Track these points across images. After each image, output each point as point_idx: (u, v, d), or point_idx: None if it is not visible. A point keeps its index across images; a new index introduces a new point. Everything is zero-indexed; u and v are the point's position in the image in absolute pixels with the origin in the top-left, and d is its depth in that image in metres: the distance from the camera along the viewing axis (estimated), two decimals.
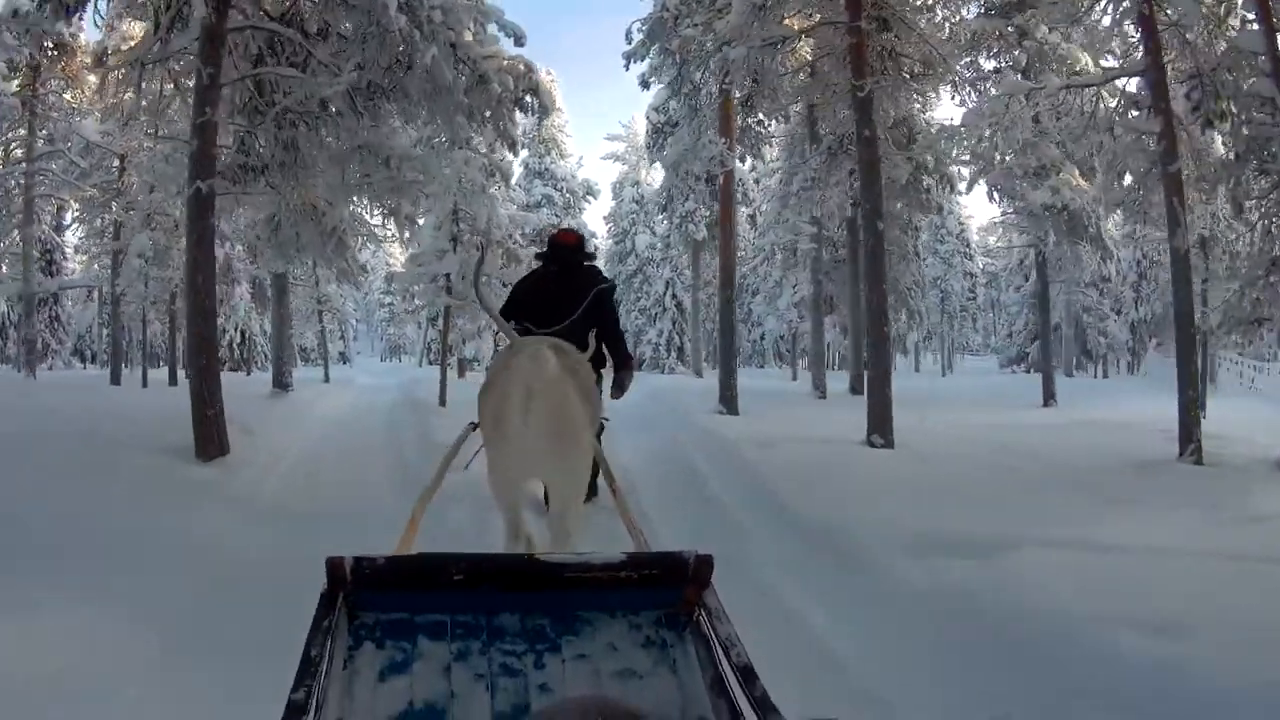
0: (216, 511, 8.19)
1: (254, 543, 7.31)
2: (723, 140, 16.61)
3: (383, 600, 2.58)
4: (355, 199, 13.03)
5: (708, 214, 36.51)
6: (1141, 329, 43.84)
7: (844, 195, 22.42)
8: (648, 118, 35.39)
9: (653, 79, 35.53)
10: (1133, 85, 13.55)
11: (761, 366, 51.82)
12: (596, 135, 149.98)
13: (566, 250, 7.77)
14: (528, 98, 12.19)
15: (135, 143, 22.83)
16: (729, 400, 16.63)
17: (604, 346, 7.55)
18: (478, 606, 2.63)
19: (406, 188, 11.78)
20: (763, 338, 49.41)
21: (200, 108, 10.56)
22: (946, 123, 23.31)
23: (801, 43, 17.97)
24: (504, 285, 18.57)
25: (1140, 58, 12.67)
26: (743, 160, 20.05)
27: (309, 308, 33.81)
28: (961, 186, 24.68)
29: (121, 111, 15.86)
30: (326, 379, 30.74)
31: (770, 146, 25.84)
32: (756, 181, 40.64)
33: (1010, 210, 25.84)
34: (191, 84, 11.09)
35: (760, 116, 20.60)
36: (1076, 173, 22.61)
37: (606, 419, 7.14)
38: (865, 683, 4.78)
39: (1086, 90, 14.52)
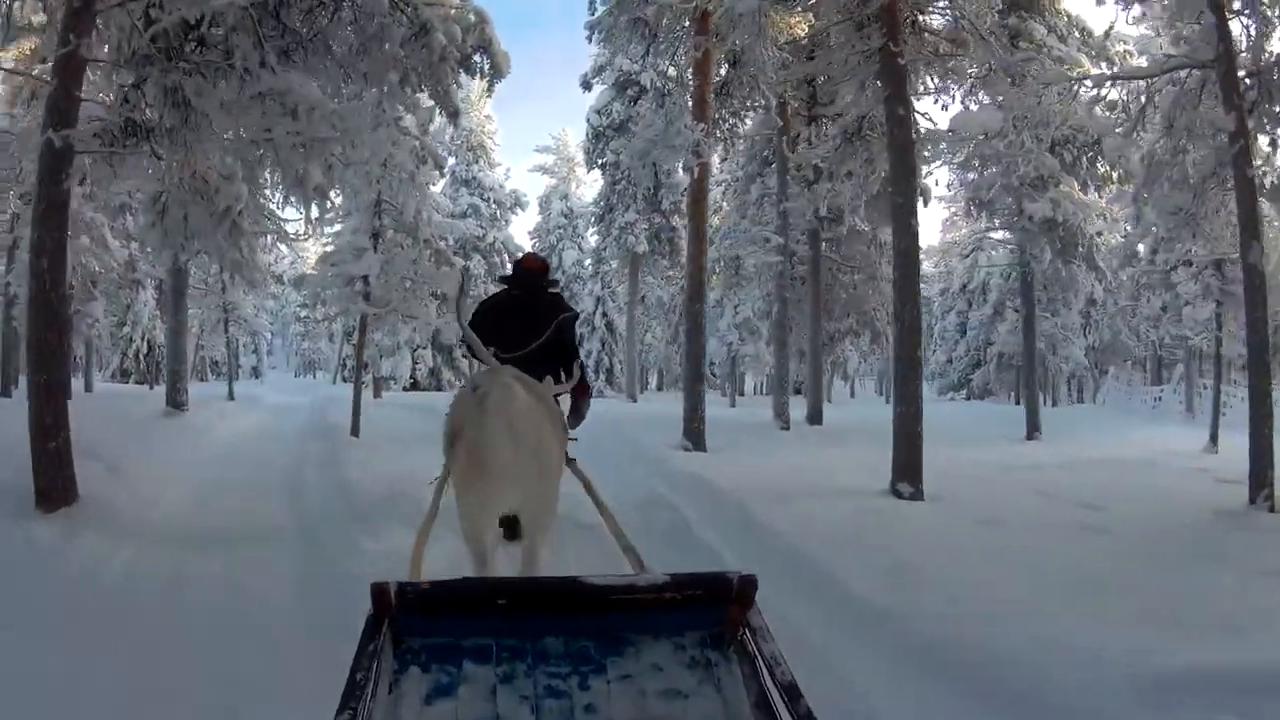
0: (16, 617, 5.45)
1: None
2: (699, 125, 14.05)
3: (427, 625, 2.64)
4: (255, 173, 10.32)
5: (647, 226, 34.25)
6: (1091, 356, 41.75)
7: (808, 203, 20.19)
8: (588, 120, 33.65)
9: (596, 80, 33.60)
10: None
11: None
12: (524, 150, 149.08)
13: (531, 276, 7.72)
14: (476, 56, 9.98)
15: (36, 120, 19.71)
16: (695, 434, 14.18)
17: (561, 374, 7.03)
18: (523, 630, 2.68)
19: (317, 148, 8.99)
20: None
21: (65, 35, 8.17)
22: (930, 125, 21.31)
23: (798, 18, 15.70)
24: (433, 295, 16.25)
25: (1205, 48, 10.77)
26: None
27: (215, 316, 30.84)
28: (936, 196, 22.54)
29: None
30: (231, 396, 28.00)
31: (725, 153, 23.14)
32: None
33: (994, 225, 23.81)
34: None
35: (735, 106, 18.02)
36: (1076, 185, 20.58)
37: (574, 437, 6.77)
38: None
39: (1132, 84, 12.88)
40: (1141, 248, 31.44)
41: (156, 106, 9.02)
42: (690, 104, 14.71)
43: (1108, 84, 12.67)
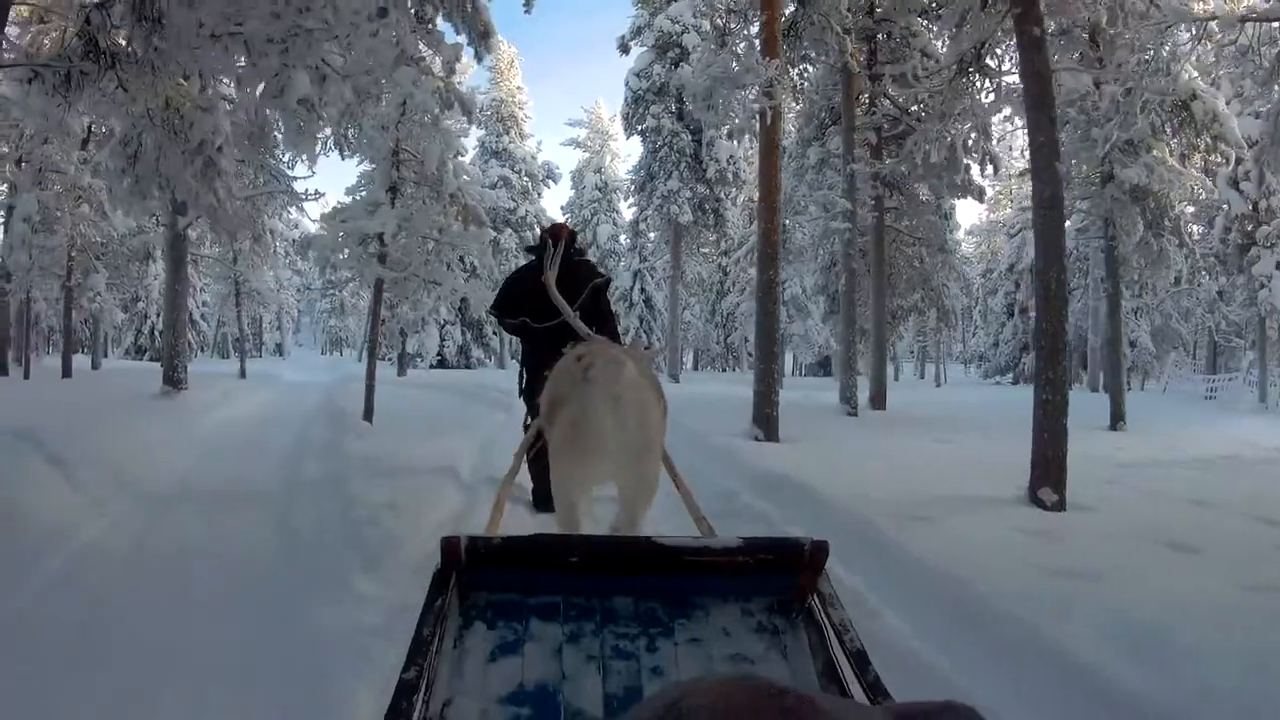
0: None
1: None
2: (772, 61, 11.90)
3: (494, 580, 2.65)
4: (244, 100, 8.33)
5: (690, 195, 32.08)
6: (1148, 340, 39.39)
7: (872, 168, 18.39)
8: (627, 84, 31.90)
9: (634, 41, 31.59)
10: None
11: (722, 370, 47.59)
12: (556, 129, 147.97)
13: (559, 243, 7.33)
14: None
15: None
16: (767, 422, 12.10)
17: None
18: (592, 589, 2.68)
19: (299, 45, 6.90)
20: (740, 340, 44.70)
21: None
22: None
23: None
24: (461, 260, 14.27)
25: None
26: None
27: (226, 289, 28.87)
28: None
29: None
30: (243, 374, 26.18)
31: (796, 101, 21.13)
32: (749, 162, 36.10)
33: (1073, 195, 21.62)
34: None
35: (804, 49, 15.82)
36: (1169, 152, 18.44)
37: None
38: None
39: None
40: (1218, 222, 29.44)
41: (126, 22, 7.12)
42: (760, 38, 12.58)
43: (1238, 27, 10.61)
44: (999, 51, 12.88)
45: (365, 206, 12.31)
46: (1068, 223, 35.76)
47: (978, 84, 12.79)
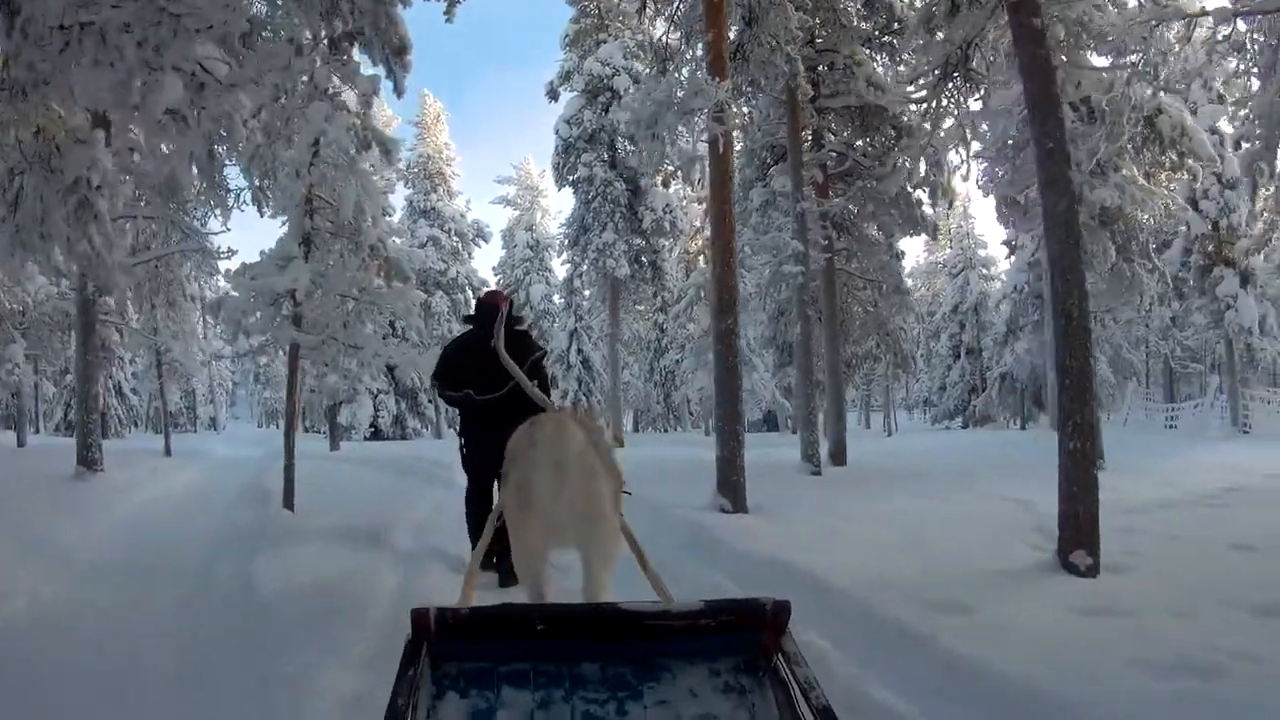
0: None
1: None
2: (720, 82, 10.66)
3: (466, 650, 2.68)
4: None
5: (626, 248, 30.87)
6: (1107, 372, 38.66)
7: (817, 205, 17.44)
8: (556, 132, 30.76)
9: (564, 87, 30.54)
10: None
11: (664, 431, 46.27)
12: (484, 190, 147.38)
13: (494, 313, 7.38)
14: None
15: None
16: (733, 489, 10.75)
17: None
18: (560, 655, 2.70)
19: (168, 35, 5.53)
20: (682, 400, 43.44)
21: None
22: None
23: None
24: (393, 327, 12.96)
25: None
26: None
27: (148, 360, 27.15)
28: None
29: None
30: (168, 451, 24.37)
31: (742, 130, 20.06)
32: (685, 211, 34.96)
33: (1029, 227, 20.66)
34: None
35: (751, 73, 14.60)
36: (1136, 170, 17.56)
37: (629, 491, 5.49)
38: None
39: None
40: (1176, 244, 28.74)
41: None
42: (706, 59, 11.39)
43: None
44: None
45: (276, 261, 10.83)
46: (1014, 259, 35.26)
47: (957, 96, 11.70)
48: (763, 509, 10.75)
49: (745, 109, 18.66)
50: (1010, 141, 17.74)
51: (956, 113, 14.07)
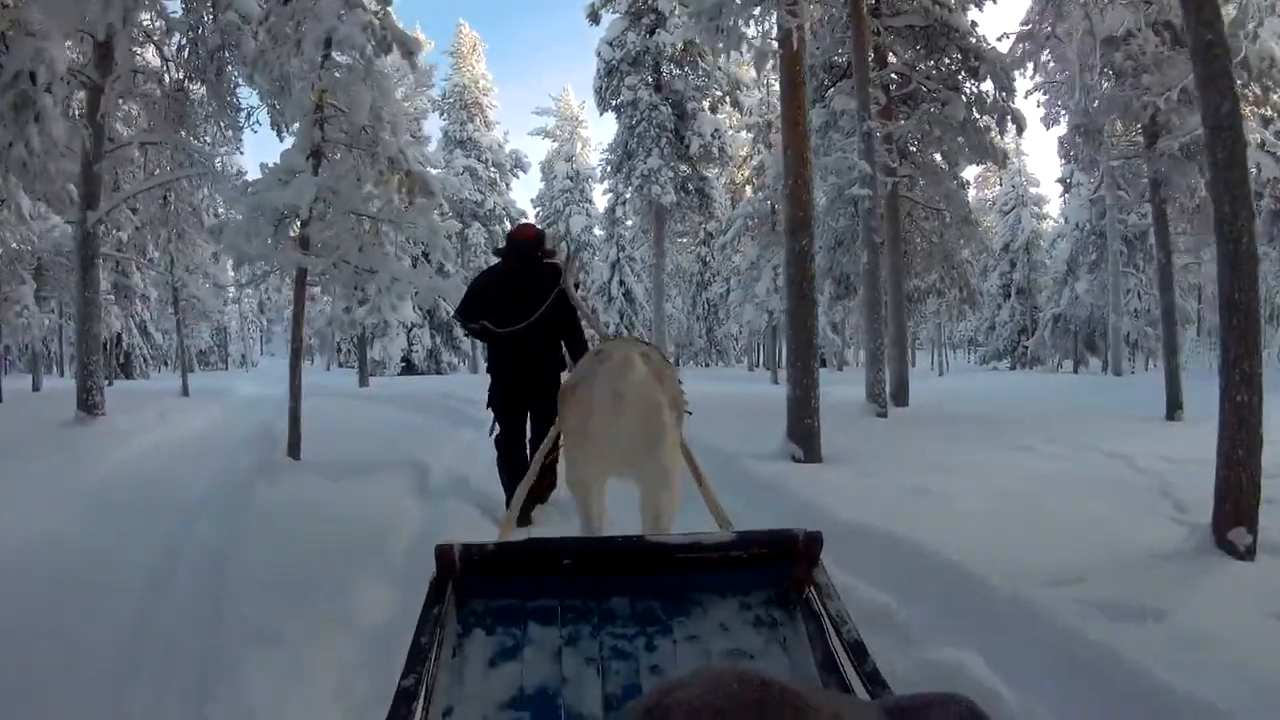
0: None
1: None
2: None
3: (492, 587, 2.63)
4: None
5: (673, 175, 29.27)
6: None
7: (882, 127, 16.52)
8: (598, 54, 29.27)
9: (605, 9, 28.90)
10: None
11: (706, 366, 45.20)
12: (523, 126, 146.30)
13: (526, 246, 7.50)
14: None
15: None
16: (807, 435, 9.40)
17: (565, 348, 7.42)
18: (588, 591, 2.66)
19: None
20: (727, 336, 41.96)
21: None
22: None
23: None
24: (412, 242, 11.61)
25: None
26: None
27: (163, 296, 25.90)
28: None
29: None
30: (185, 392, 23.13)
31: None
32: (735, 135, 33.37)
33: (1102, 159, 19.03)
34: None
35: None
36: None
37: (689, 411, 5.63)
38: None
39: None
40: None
41: None
42: None
43: None
44: None
45: (279, 175, 9.45)
46: (1067, 197, 33.56)
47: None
48: (838, 458, 9.50)
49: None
50: (1095, 65, 16.13)
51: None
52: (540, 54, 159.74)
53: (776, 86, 15.31)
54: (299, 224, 9.50)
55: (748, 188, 35.19)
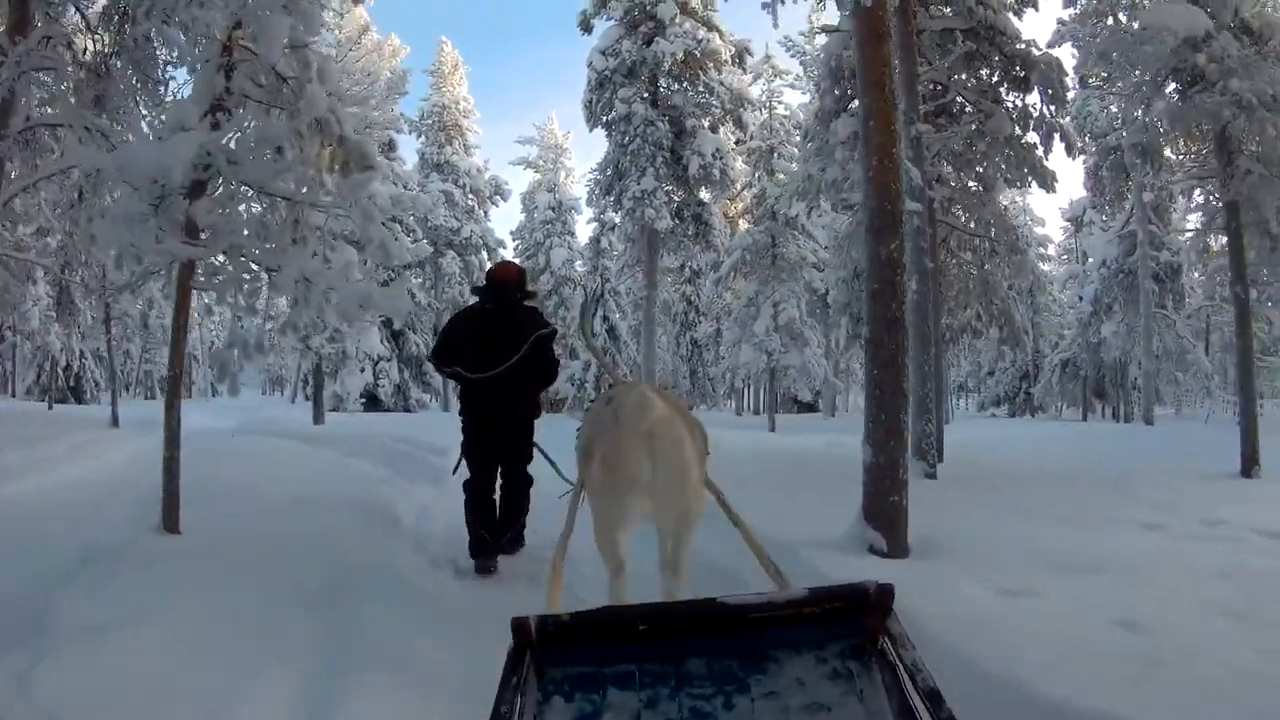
0: None
1: None
2: None
3: (569, 654, 2.69)
4: None
5: (667, 200, 26.54)
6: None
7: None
8: (590, 64, 26.54)
9: (598, 16, 26.34)
10: None
11: (691, 408, 42.71)
12: (504, 150, 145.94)
13: (505, 287, 7.41)
14: None
15: None
16: (890, 516, 6.60)
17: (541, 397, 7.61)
18: (665, 653, 2.72)
19: None
20: (724, 375, 39.27)
21: None
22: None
23: None
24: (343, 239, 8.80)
25: None
26: None
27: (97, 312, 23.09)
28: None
29: None
30: (115, 421, 20.31)
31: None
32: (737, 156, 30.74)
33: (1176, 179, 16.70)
34: None
35: None
36: None
37: (707, 452, 5.42)
38: None
39: None
40: None
41: None
42: None
43: None
44: None
45: (159, 134, 6.69)
46: (1093, 233, 31.26)
47: None
48: (928, 549, 6.82)
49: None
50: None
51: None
52: (525, 90, 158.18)
53: (781, 108, 12.78)
54: (182, 194, 6.70)
55: (742, 221, 32.78)
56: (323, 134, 7.26)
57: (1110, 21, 15.21)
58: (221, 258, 7.02)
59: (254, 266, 7.09)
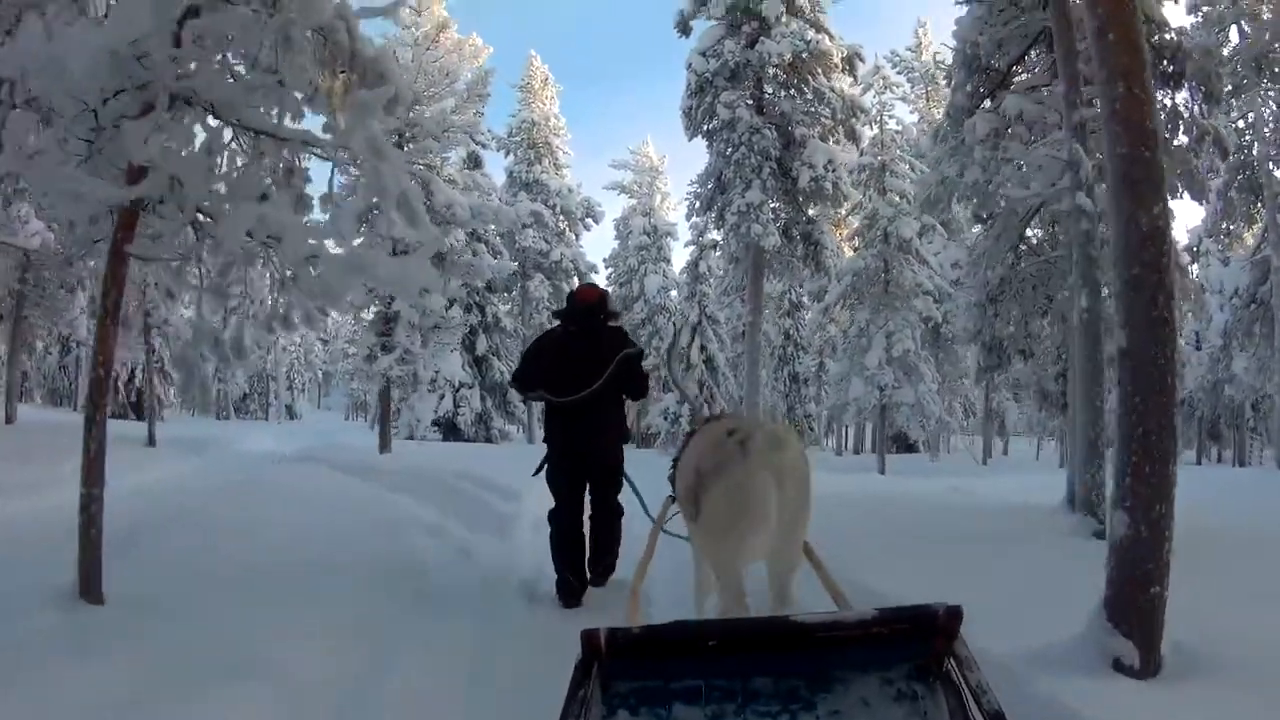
0: None
1: None
2: None
3: (636, 669, 2.76)
4: None
5: (773, 218, 24.13)
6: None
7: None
8: (689, 66, 24.31)
9: (697, 16, 24.14)
10: None
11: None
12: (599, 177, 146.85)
13: (587, 309, 7.13)
14: None
15: None
16: (1143, 617, 4.34)
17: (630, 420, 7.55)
18: (733, 670, 2.80)
19: None
20: (828, 412, 36.97)
21: None
22: None
23: None
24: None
25: None
26: None
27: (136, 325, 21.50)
28: None
29: None
30: (151, 440, 19.67)
31: None
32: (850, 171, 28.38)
33: None
34: None
35: None
36: None
37: None
38: None
39: None
40: None
41: None
42: None
43: None
44: None
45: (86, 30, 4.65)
46: (1220, 265, 28.68)
47: None
48: (1188, 658, 4.62)
49: None
50: None
51: None
52: (619, 124, 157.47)
53: (892, 123, 10.77)
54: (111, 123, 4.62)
55: (847, 247, 30.42)
56: (329, 48, 5.17)
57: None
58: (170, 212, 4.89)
59: (202, 219, 4.94)
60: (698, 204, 25.56)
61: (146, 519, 8.20)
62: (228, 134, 5.16)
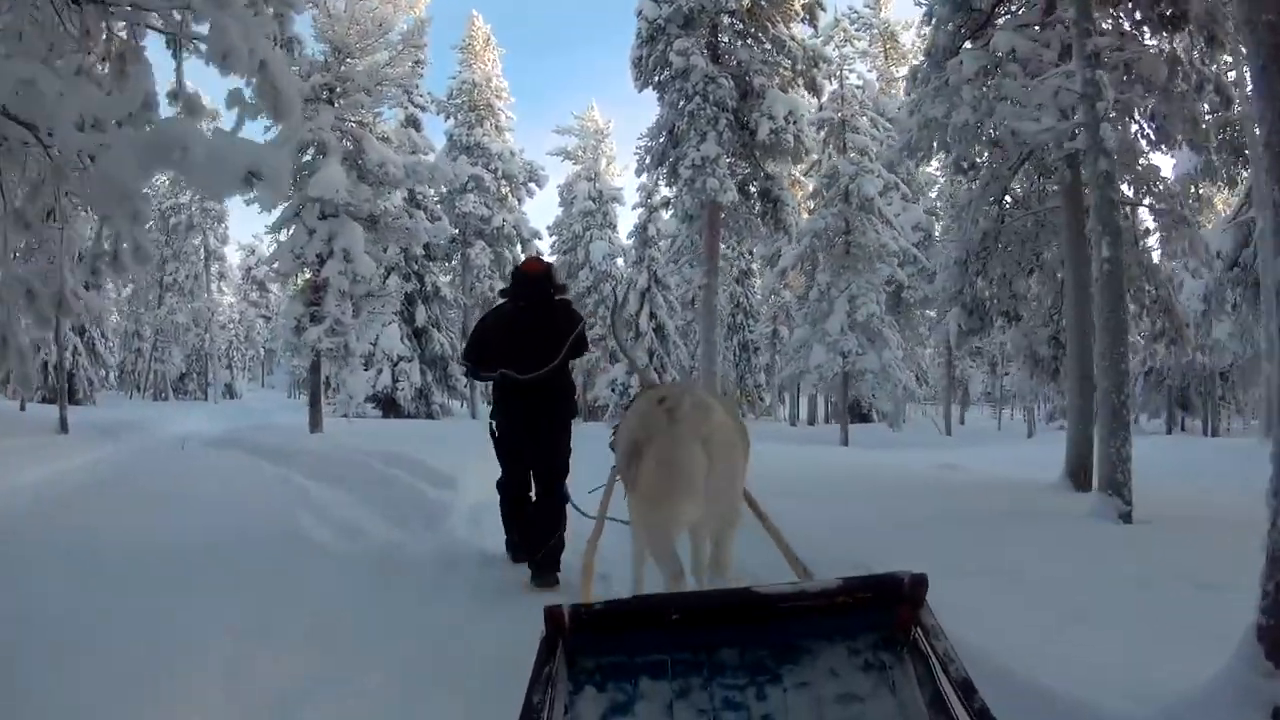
0: None
1: None
2: None
3: (601, 644, 2.65)
4: None
5: (729, 167, 22.73)
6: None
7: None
8: (639, 13, 22.84)
9: None
10: None
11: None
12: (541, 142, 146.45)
13: (535, 282, 7.06)
14: None
15: None
16: None
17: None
18: (697, 643, 2.69)
19: None
20: (789, 381, 35.88)
21: None
22: None
23: None
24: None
25: None
26: None
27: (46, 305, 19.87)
28: None
29: None
30: (63, 427, 18.04)
31: None
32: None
33: None
34: None
35: None
36: None
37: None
38: None
39: None
40: None
41: None
42: None
43: None
44: None
45: None
46: (1212, 224, 27.62)
47: None
48: None
49: None
50: None
51: None
52: (562, 93, 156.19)
53: (853, 77, 9.53)
54: None
55: (803, 208, 29.05)
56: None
57: None
58: None
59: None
60: (648, 159, 24.03)
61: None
62: None
